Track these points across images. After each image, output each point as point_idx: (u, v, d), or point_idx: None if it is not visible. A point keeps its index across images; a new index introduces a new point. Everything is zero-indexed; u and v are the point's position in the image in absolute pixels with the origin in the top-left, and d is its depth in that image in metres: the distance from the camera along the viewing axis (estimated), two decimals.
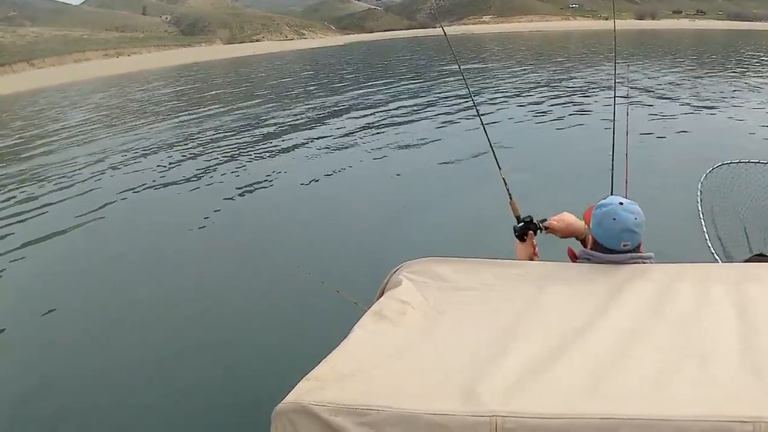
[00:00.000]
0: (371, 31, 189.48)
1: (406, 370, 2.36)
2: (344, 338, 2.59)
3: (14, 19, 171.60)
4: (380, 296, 3.04)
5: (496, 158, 4.76)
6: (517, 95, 31.10)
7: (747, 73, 35.37)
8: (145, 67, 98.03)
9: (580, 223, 3.94)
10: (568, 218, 3.98)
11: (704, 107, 23.94)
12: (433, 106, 29.24)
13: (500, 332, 2.55)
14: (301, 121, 28.20)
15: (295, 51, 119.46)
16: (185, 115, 34.41)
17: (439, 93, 33.83)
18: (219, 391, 7.39)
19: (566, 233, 3.98)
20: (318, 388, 2.22)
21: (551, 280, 3.02)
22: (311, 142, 22.75)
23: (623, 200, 3.35)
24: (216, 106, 36.72)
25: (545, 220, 4.06)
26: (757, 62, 43.04)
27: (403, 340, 2.59)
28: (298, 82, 53.95)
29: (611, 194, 3.71)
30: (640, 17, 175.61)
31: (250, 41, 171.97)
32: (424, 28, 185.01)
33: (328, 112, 30.25)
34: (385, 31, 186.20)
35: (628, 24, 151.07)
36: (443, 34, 6.08)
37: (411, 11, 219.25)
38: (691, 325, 2.50)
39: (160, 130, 29.33)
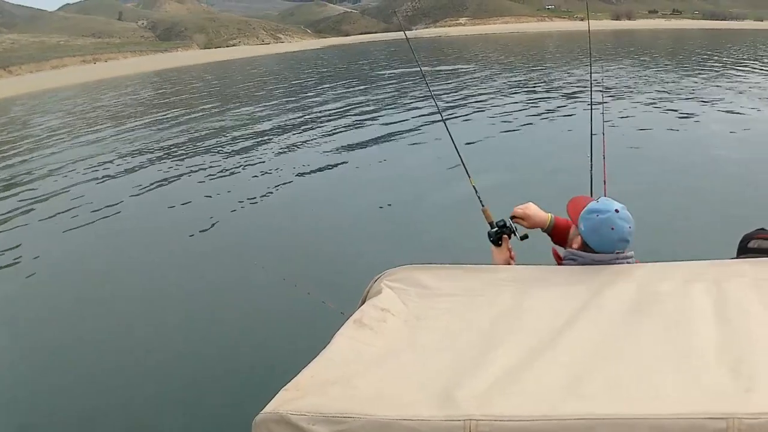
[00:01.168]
0: (347, 35, 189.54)
1: (385, 378, 2.37)
2: (325, 346, 2.60)
3: None
4: (362, 304, 3.05)
5: (465, 167, 4.87)
6: (491, 97, 30.82)
7: (721, 73, 35.69)
8: (122, 73, 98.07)
9: (543, 215, 4.02)
10: (532, 209, 4.05)
11: (680, 108, 23.96)
12: (410, 111, 28.88)
13: (481, 337, 2.58)
14: (279, 127, 28.03)
15: (272, 55, 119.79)
16: (160, 121, 34.20)
17: (417, 97, 33.63)
18: (200, 399, 7.35)
19: (531, 222, 4.05)
20: (298, 397, 2.23)
21: (533, 283, 3.06)
22: (291, 149, 22.56)
23: (618, 206, 3.38)
24: (192, 111, 36.82)
25: (526, 236, 4.13)
26: (730, 61, 43.30)
27: (383, 347, 2.61)
28: (274, 86, 54.01)
29: (590, 194, 3.76)
30: (617, 17, 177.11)
31: (227, 46, 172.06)
32: (400, 30, 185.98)
33: (303, 118, 30.12)
34: (362, 34, 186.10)
35: (604, 24, 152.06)
36: (409, 38, 6.15)
37: (387, 14, 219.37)
38: (671, 323, 2.52)
39: (134, 137, 28.87)
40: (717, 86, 29.34)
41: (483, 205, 4.45)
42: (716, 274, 2.88)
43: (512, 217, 4.13)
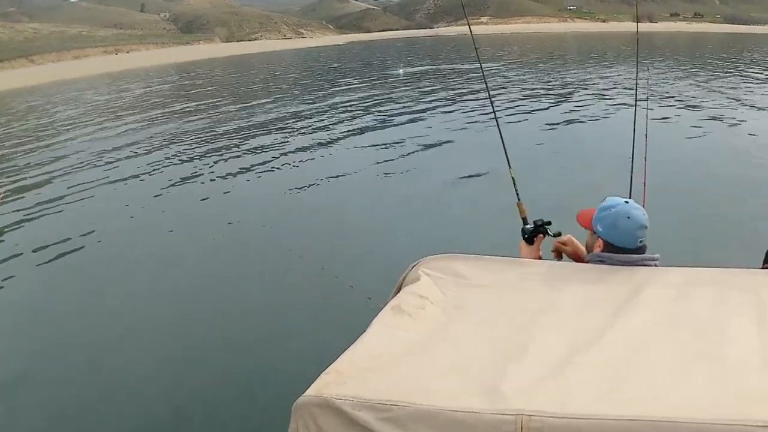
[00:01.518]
0: (368, 31, 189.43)
1: (426, 366, 2.36)
2: (361, 333, 2.60)
3: (12, 15, 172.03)
4: (398, 292, 3.07)
5: (507, 156, 4.84)
6: (529, 97, 30.86)
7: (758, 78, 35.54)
8: (144, 64, 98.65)
9: (581, 247, 3.95)
10: (575, 242, 4.01)
11: (721, 112, 23.70)
12: (448, 105, 29.18)
13: (519, 331, 2.58)
14: (311, 120, 27.88)
15: (297, 50, 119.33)
16: (187, 113, 34.39)
17: (453, 92, 33.84)
18: (239, 384, 7.43)
19: (572, 255, 3.99)
20: (339, 381, 2.22)
21: (569, 280, 3.06)
22: (326, 141, 22.52)
23: (626, 199, 3.47)
24: (221, 104, 36.79)
25: (559, 234, 4.08)
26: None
27: (422, 335, 2.60)
28: (304, 79, 53.97)
29: (629, 197, 3.74)
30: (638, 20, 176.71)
31: (249, 40, 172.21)
32: (421, 28, 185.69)
33: (336, 111, 30.06)
34: (383, 31, 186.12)
35: (625, 27, 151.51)
36: (470, 33, 5.94)
37: (409, 11, 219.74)
38: (710, 328, 2.51)
39: (166, 127, 29.14)
40: (752, 92, 28.88)
41: (519, 199, 4.45)
42: (754, 282, 2.88)
43: (555, 236, 4.10)
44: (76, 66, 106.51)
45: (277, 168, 18.75)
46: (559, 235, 4.08)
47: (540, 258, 4.08)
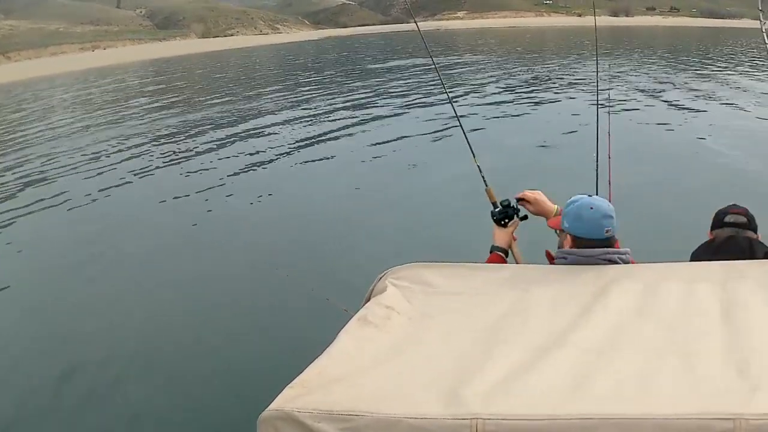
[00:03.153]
0: (345, 26, 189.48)
1: (391, 375, 2.39)
2: (329, 344, 2.63)
3: None
4: (366, 302, 3.10)
5: (469, 145, 4.96)
6: (494, 93, 30.98)
7: (724, 71, 36.00)
8: (120, 60, 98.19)
9: (550, 204, 4.06)
10: (541, 196, 4.08)
11: (685, 106, 24.19)
12: (411, 104, 29.00)
13: (485, 336, 2.60)
14: (277, 120, 27.78)
15: (271, 45, 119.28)
16: (157, 112, 34.40)
17: (415, 90, 33.75)
18: (204, 397, 7.38)
19: (537, 208, 4.09)
20: (303, 394, 2.25)
21: (536, 282, 3.08)
22: (292, 143, 22.32)
23: (588, 195, 3.52)
24: (188, 104, 36.86)
25: (526, 217, 4.21)
26: (732, 60, 43.91)
27: (388, 345, 2.64)
28: (273, 77, 54.28)
29: (596, 194, 3.82)
30: (615, 14, 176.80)
31: (225, 36, 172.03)
32: (398, 23, 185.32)
33: (305, 111, 29.78)
34: (360, 26, 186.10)
35: (601, 20, 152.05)
36: (417, 30, 6.35)
37: (384, 6, 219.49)
38: (676, 324, 2.54)
39: (136, 125, 29.26)
40: (719, 84, 29.71)
41: (486, 185, 4.52)
42: (721, 275, 2.94)
43: (518, 200, 4.19)
44: (53, 63, 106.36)
45: (250, 174, 18.40)
46: (525, 218, 4.24)
47: (515, 238, 4.23)
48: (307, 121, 26.94)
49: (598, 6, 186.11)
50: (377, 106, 28.98)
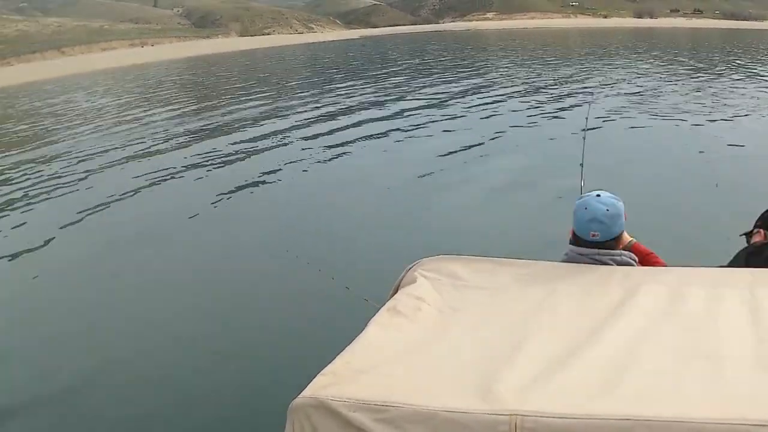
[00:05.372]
0: (375, 26, 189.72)
1: (422, 367, 2.42)
2: (357, 334, 2.66)
3: (25, 9, 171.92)
4: (394, 293, 3.14)
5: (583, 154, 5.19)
6: (510, 93, 31.12)
7: (733, 74, 36.02)
8: (170, 56, 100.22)
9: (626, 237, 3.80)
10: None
11: (683, 109, 23.95)
12: (446, 101, 29.40)
13: (514, 331, 2.61)
14: (313, 116, 27.86)
15: (311, 44, 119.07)
16: (211, 103, 36.18)
17: (454, 88, 34.00)
18: (235, 385, 7.47)
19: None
20: (334, 383, 2.25)
21: (564, 280, 3.10)
22: (324, 138, 22.55)
23: (602, 193, 3.47)
24: (237, 98, 37.67)
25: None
26: (744, 61, 44.44)
27: (418, 336, 2.67)
28: (314, 74, 56.08)
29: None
30: (639, 16, 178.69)
31: (262, 34, 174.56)
32: (427, 23, 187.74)
33: (340, 107, 30.18)
34: (390, 26, 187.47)
35: (625, 22, 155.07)
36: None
37: (414, 7, 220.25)
38: (704, 327, 2.54)
39: (191, 119, 30.15)
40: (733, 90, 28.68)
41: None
42: (750, 281, 2.90)
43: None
44: (104, 57, 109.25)
45: (274, 167, 18.59)
46: None
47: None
48: (333, 117, 27.20)
49: (622, 8, 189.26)
50: (413, 106, 28.73)
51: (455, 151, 18.48)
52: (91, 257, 12.20)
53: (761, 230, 4.14)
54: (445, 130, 22.38)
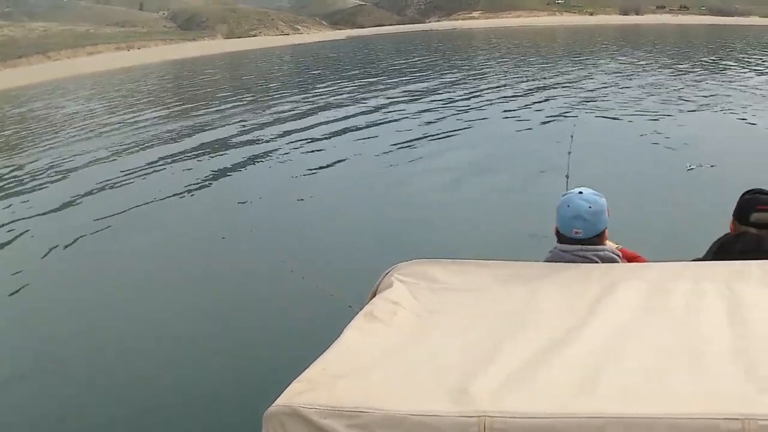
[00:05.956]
0: (362, 27, 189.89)
1: (397, 371, 2.41)
2: (335, 339, 2.66)
3: (11, 14, 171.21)
4: (372, 298, 3.12)
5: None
6: (495, 90, 31.73)
7: (724, 72, 36.03)
8: (156, 59, 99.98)
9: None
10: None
11: (673, 103, 24.38)
12: (426, 105, 29.21)
13: (491, 333, 2.61)
14: (289, 118, 28.06)
15: (297, 45, 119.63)
16: (196, 105, 36.05)
17: (429, 89, 34.01)
18: (209, 392, 7.41)
19: None
20: (309, 389, 2.25)
21: (543, 279, 3.08)
22: (302, 142, 22.57)
23: (585, 190, 3.49)
24: (221, 100, 37.65)
25: None
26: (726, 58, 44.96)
27: (394, 341, 2.66)
28: (297, 75, 57.01)
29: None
30: (625, 12, 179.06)
31: (248, 36, 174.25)
32: (413, 23, 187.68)
33: (315, 108, 30.37)
34: (376, 26, 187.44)
35: (611, 19, 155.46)
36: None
37: (400, 7, 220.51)
38: (683, 323, 2.55)
39: (180, 119, 30.42)
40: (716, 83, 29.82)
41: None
42: (727, 275, 2.91)
43: None
44: (91, 61, 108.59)
45: (259, 171, 18.89)
46: None
47: None
48: (311, 119, 27.24)
49: (607, 5, 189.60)
50: (394, 111, 28.46)
51: (438, 155, 18.68)
52: (65, 259, 12.37)
53: (733, 219, 4.11)
54: (427, 131, 22.54)
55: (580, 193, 3.46)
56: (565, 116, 22.91)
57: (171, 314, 9.52)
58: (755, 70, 35.79)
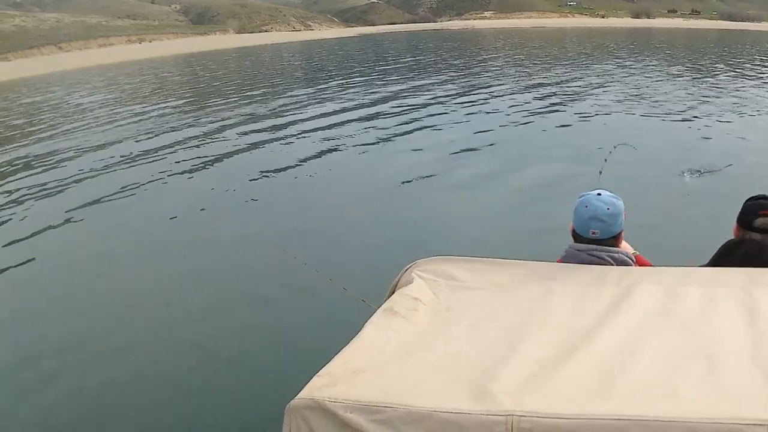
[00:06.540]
0: (373, 24, 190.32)
1: (418, 368, 2.40)
2: (355, 335, 2.66)
3: (22, 5, 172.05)
4: (391, 294, 3.14)
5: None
6: (508, 92, 31.13)
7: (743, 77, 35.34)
8: (168, 53, 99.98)
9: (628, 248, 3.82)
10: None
11: (696, 110, 23.75)
12: (445, 103, 28.87)
13: (510, 332, 2.61)
14: (308, 114, 27.72)
15: (309, 41, 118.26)
16: (207, 100, 35.56)
17: (450, 90, 33.58)
18: (231, 387, 7.35)
19: None
20: (331, 384, 2.26)
21: (560, 280, 3.09)
22: (321, 136, 22.29)
23: (603, 191, 3.52)
24: (233, 95, 37.26)
25: None
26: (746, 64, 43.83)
27: (414, 337, 2.66)
28: (308, 70, 56.39)
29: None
30: (636, 16, 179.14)
31: (260, 31, 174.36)
32: (425, 21, 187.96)
33: (337, 105, 29.95)
34: (388, 24, 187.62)
35: (623, 22, 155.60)
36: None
37: (412, 5, 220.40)
38: (700, 327, 2.54)
39: (198, 113, 30.00)
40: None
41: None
42: (743, 281, 2.90)
43: None
44: (103, 53, 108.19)
45: (270, 166, 18.25)
46: None
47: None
48: (330, 115, 26.82)
49: (619, 8, 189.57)
50: (414, 105, 28.38)
51: (455, 152, 18.35)
52: (76, 258, 12.04)
53: (737, 224, 4.09)
54: (444, 131, 22.14)
55: (599, 194, 3.47)
56: (605, 115, 23.22)
57: (192, 313, 9.42)
58: None
